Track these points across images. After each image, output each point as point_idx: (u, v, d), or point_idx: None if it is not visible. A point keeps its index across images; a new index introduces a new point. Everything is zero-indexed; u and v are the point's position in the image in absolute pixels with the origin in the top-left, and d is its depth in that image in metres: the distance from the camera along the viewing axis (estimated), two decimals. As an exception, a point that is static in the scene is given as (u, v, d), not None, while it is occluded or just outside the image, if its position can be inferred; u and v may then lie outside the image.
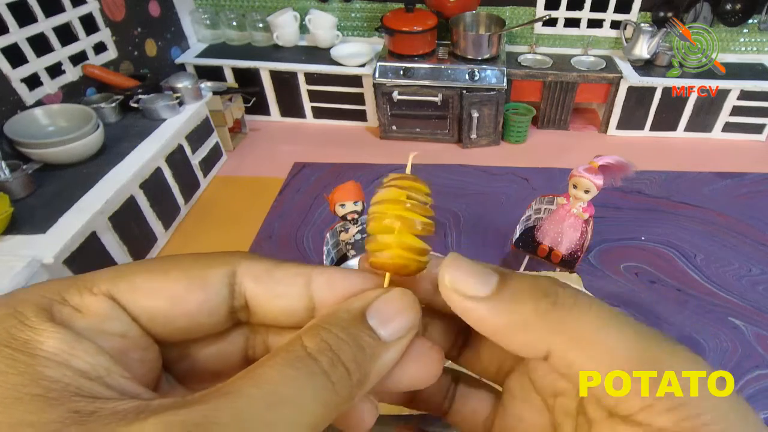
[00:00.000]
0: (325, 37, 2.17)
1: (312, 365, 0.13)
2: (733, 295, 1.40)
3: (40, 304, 0.13)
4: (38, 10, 1.47)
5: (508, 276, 0.15)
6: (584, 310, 0.14)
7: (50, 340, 0.12)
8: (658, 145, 2.17)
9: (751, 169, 1.96)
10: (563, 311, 0.14)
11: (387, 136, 2.19)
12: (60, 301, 0.14)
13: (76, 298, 0.14)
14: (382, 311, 0.15)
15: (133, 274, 0.15)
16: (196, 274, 0.15)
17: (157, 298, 0.15)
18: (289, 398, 0.12)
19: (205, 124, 1.84)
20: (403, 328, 0.15)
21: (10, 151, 1.33)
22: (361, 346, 0.14)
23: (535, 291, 0.14)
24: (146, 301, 0.15)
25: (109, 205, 1.31)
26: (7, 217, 1.13)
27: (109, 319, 0.14)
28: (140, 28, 1.91)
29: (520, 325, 0.14)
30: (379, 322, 0.15)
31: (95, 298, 0.14)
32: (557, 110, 2.20)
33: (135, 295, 0.15)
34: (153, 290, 0.15)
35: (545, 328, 0.14)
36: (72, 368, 0.12)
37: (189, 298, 0.15)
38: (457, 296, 0.15)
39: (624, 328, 0.13)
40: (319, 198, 1.15)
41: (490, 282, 0.15)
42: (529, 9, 2.16)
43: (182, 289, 0.15)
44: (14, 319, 0.13)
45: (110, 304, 0.15)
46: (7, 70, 1.38)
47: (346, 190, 0.98)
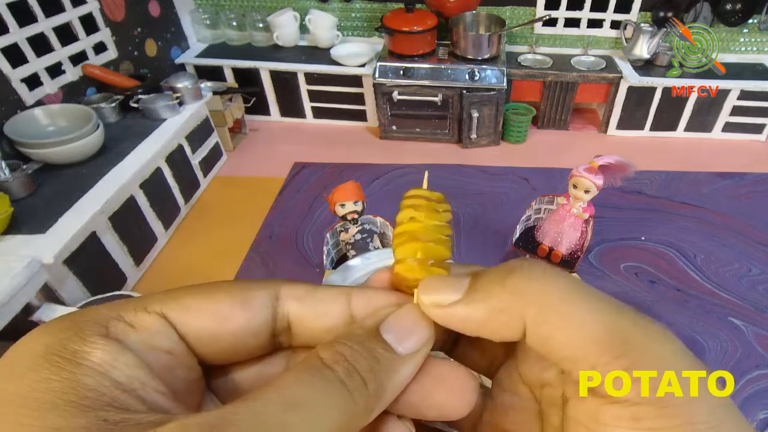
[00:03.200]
0: (325, 37, 2.17)
1: (328, 373, 0.14)
2: (733, 295, 1.40)
3: (98, 320, 0.15)
4: (38, 10, 1.47)
5: (480, 273, 0.16)
6: (552, 281, 0.14)
7: (97, 351, 0.13)
8: (658, 145, 2.17)
9: (751, 169, 1.96)
10: (531, 282, 0.14)
11: (387, 136, 2.19)
12: (116, 318, 0.15)
13: (131, 315, 0.15)
14: (395, 326, 0.16)
15: (182, 295, 0.16)
16: (240, 295, 0.16)
17: (204, 318, 0.16)
18: (306, 401, 0.13)
19: (205, 124, 1.84)
20: (417, 341, 0.16)
21: (10, 151, 1.33)
22: (376, 358, 0.15)
23: (502, 273, 0.15)
24: (194, 321, 0.16)
25: (109, 205, 1.31)
26: (7, 217, 1.13)
27: (158, 334, 0.15)
28: (140, 28, 1.91)
29: (497, 311, 0.15)
30: (394, 337, 0.15)
31: (148, 316, 0.15)
32: (557, 110, 2.20)
33: (184, 315, 0.16)
34: (200, 310, 0.16)
35: (517, 302, 0.14)
36: (110, 379, 0.13)
37: (234, 317, 0.16)
38: (438, 310, 0.16)
39: (592, 300, 0.14)
40: (319, 198, 1.15)
41: (462, 285, 0.15)
42: (529, 9, 2.16)
43: (227, 308, 0.16)
44: (71, 332, 0.14)
45: (161, 322, 0.15)
46: (7, 70, 1.38)
47: (346, 190, 0.98)
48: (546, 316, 0.14)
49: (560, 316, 0.14)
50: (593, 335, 0.13)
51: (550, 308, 0.14)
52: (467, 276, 0.16)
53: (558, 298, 0.14)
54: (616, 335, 0.13)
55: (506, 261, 0.16)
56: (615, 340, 0.13)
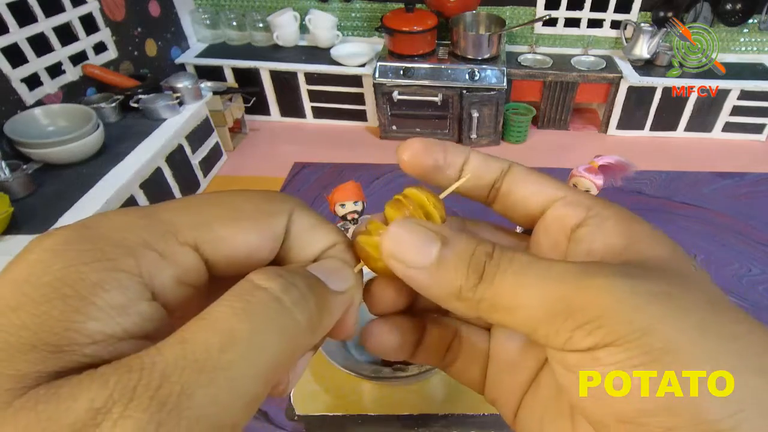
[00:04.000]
0: (325, 37, 2.17)
1: (261, 294, 0.13)
2: (734, 295, 1.40)
3: (127, 245, 0.13)
4: (38, 10, 1.47)
5: (450, 242, 0.15)
6: (507, 275, 0.14)
7: (117, 293, 0.12)
8: (658, 145, 2.17)
9: (751, 169, 1.96)
10: (488, 282, 0.15)
11: (387, 136, 2.19)
12: (145, 245, 0.13)
13: (161, 243, 0.14)
14: (321, 268, 0.16)
15: (212, 221, 0.15)
16: (267, 224, 0.16)
17: (236, 250, 0.15)
18: (242, 334, 0.12)
19: (205, 124, 1.84)
20: (344, 281, 0.16)
21: (10, 151, 1.33)
22: (312, 281, 0.15)
23: (468, 263, 0.15)
24: (227, 251, 0.15)
25: (109, 205, 1.31)
26: (7, 217, 1.13)
27: (190, 271, 0.14)
28: (140, 28, 1.91)
29: (454, 297, 0.15)
30: (321, 274, 0.16)
31: (181, 248, 0.14)
32: (557, 110, 2.20)
33: (218, 246, 0.15)
34: (233, 240, 0.15)
35: (473, 298, 0.15)
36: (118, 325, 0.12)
37: (263, 247, 0.16)
38: (399, 265, 0.15)
39: (542, 280, 0.14)
40: (319, 198, 1.15)
41: (430, 252, 0.15)
42: (529, 9, 2.16)
43: (256, 240, 0.16)
44: (93, 258, 0.12)
45: (194, 256, 0.14)
46: (7, 70, 1.38)
47: (346, 190, 0.98)
48: (496, 310, 0.15)
49: (507, 309, 0.14)
50: (538, 319, 0.14)
51: (501, 305, 0.14)
52: (436, 241, 0.15)
53: (509, 292, 0.14)
54: (560, 311, 0.13)
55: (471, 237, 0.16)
56: (558, 308, 0.13)
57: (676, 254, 0.15)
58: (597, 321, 0.13)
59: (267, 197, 0.17)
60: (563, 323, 0.13)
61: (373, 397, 0.58)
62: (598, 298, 0.13)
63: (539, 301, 0.14)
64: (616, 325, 0.13)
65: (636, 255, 0.15)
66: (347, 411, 0.57)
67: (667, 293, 0.13)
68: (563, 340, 0.13)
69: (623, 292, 0.13)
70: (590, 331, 0.13)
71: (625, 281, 0.13)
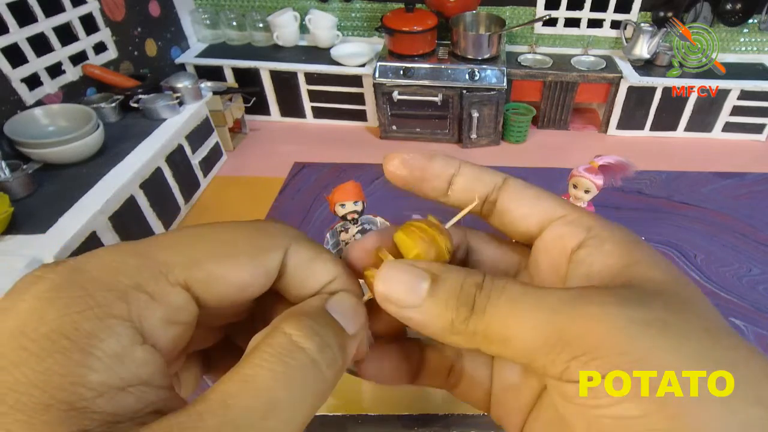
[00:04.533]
0: (325, 37, 2.17)
1: (301, 357, 0.13)
2: (734, 295, 1.40)
3: (117, 289, 0.13)
4: (38, 10, 1.47)
5: (440, 278, 0.15)
6: (498, 306, 0.14)
7: (112, 340, 0.12)
8: (658, 145, 2.17)
9: (751, 169, 1.96)
10: (479, 314, 0.15)
11: (387, 136, 2.19)
12: (135, 288, 0.13)
13: (152, 284, 0.14)
14: (340, 307, 0.16)
15: (206, 260, 0.15)
16: (261, 261, 0.16)
17: (228, 288, 0.15)
18: (284, 401, 0.12)
19: (205, 124, 1.84)
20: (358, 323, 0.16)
21: (10, 151, 1.33)
22: (338, 330, 0.15)
23: (458, 297, 0.15)
24: (219, 290, 0.15)
25: (109, 205, 1.31)
26: (7, 217, 1.13)
27: (180, 310, 0.14)
28: (140, 28, 1.91)
29: (448, 332, 0.15)
30: (341, 318, 0.16)
31: (172, 289, 0.14)
32: (557, 110, 2.20)
33: (210, 286, 0.15)
34: (225, 279, 0.15)
35: (466, 331, 0.15)
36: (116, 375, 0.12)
37: (255, 285, 0.16)
38: (392, 306, 0.16)
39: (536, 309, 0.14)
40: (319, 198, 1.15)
41: (420, 291, 0.15)
42: (529, 9, 2.16)
43: (250, 277, 0.16)
44: (85, 306, 0.12)
45: (185, 296, 0.14)
46: (7, 70, 1.38)
47: (346, 190, 0.98)
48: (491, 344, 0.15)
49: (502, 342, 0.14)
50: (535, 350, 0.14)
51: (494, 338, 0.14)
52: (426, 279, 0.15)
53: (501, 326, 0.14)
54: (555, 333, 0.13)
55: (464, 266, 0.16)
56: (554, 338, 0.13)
57: (674, 277, 0.15)
58: (593, 352, 0.13)
59: (263, 231, 0.17)
60: (559, 354, 0.13)
61: (373, 397, 0.59)
62: (593, 328, 0.13)
63: (533, 331, 0.14)
64: (612, 356, 0.13)
65: (634, 277, 0.15)
66: (347, 411, 0.57)
67: (663, 321, 0.13)
68: (560, 371, 0.13)
69: (618, 321, 0.13)
70: (586, 362, 0.13)
71: (620, 310, 0.13)
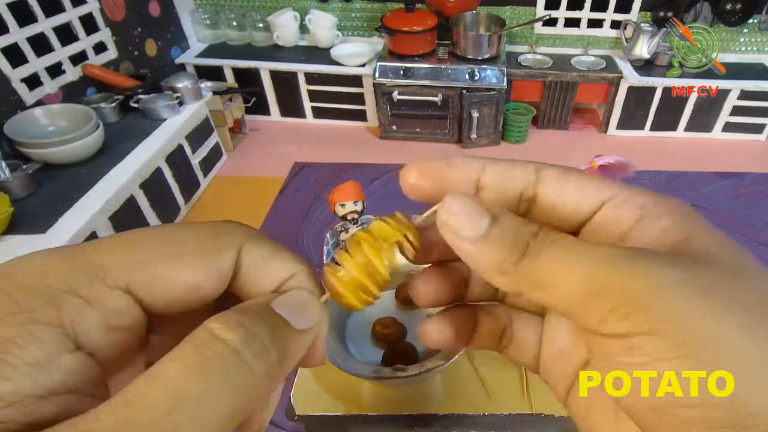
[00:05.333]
0: (325, 37, 2.17)
1: (219, 347, 0.12)
2: (733, 295, 1.40)
3: (47, 294, 0.12)
4: (38, 10, 1.47)
5: (499, 219, 0.15)
6: (549, 253, 0.14)
7: (33, 348, 0.11)
8: (658, 145, 2.17)
9: (751, 169, 1.96)
10: (531, 259, 0.15)
11: (387, 136, 2.19)
12: (68, 292, 0.12)
13: (87, 288, 0.13)
14: (286, 303, 0.15)
15: (150, 261, 0.14)
16: (212, 261, 0.15)
17: (175, 290, 0.14)
18: (194, 394, 0.11)
19: (205, 124, 1.84)
20: (310, 318, 0.16)
21: (10, 151, 1.33)
22: (276, 325, 0.14)
23: (514, 240, 0.15)
24: (166, 292, 0.14)
25: (109, 205, 1.31)
26: (7, 217, 1.13)
27: (119, 314, 0.13)
28: (140, 28, 1.91)
29: (497, 271, 0.15)
30: (286, 311, 0.15)
31: (110, 292, 0.13)
32: (557, 110, 2.20)
33: (154, 288, 0.14)
34: (171, 281, 0.14)
35: (515, 272, 0.15)
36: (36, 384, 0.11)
37: (206, 286, 0.15)
38: (450, 233, 0.16)
39: (584, 260, 0.14)
40: (319, 198, 1.15)
41: (480, 225, 0.15)
42: (529, 9, 2.16)
43: (200, 278, 0.15)
44: (6, 311, 0.12)
45: (126, 300, 0.14)
46: (7, 70, 1.38)
47: (346, 191, 0.98)
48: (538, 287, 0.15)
49: (548, 285, 0.14)
50: (577, 297, 0.14)
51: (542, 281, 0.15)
52: (486, 215, 0.15)
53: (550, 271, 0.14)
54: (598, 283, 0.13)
55: None
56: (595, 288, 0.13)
57: (732, 249, 0.14)
58: (633, 306, 0.12)
59: (214, 231, 0.16)
60: (597, 304, 0.13)
61: (373, 397, 0.59)
62: (637, 284, 0.13)
63: (577, 279, 0.14)
64: (653, 313, 0.12)
65: (689, 248, 0.14)
66: (347, 411, 0.57)
67: (713, 285, 0.13)
68: (596, 320, 0.13)
69: (664, 281, 0.13)
70: (624, 315, 0.13)
71: (668, 269, 0.13)
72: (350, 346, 0.61)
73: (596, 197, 0.16)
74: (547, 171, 0.17)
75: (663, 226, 0.15)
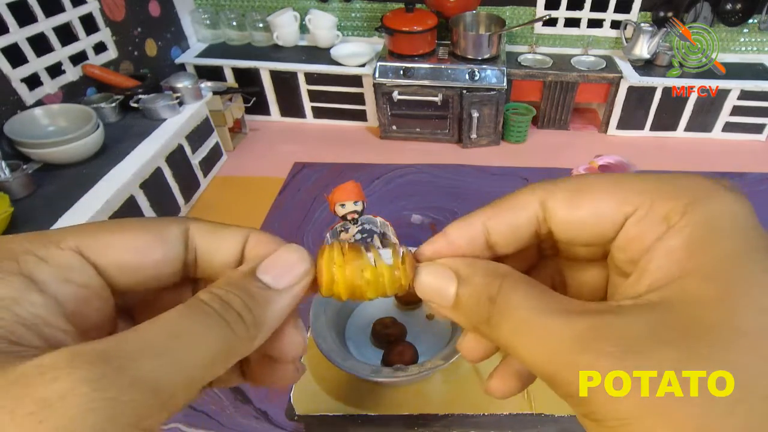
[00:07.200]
0: (325, 37, 2.17)
1: (206, 308, 0.15)
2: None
3: (7, 254, 0.14)
4: (38, 10, 1.47)
5: (466, 281, 0.17)
6: (508, 327, 0.15)
7: (5, 286, 0.14)
8: (658, 145, 2.17)
9: (751, 169, 1.96)
10: (493, 328, 0.16)
11: (387, 136, 2.19)
12: (26, 252, 0.15)
13: (42, 250, 0.15)
14: (271, 267, 0.17)
15: (97, 231, 0.16)
16: (156, 230, 0.17)
17: (124, 252, 0.16)
18: (186, 331, 0.14)
19: (205, 124, 1.84)
20: (294, 276, 0.17)
21: (10, 151, 1.33)
22: (251, 295, 0.16)
23: (477, 306, 0.16)
24: (115, 255, 0.16)
25: (109, 205, 1.31)
26: (7, 217, 1.13)
27: (72, 269, 0.15)
28: (140, 28, 1.91)
29: (475, 331, 0.17)
30: (271, 278, 0.17)
31: (61, 252, 0.15)
32: (557, 110, 2.20)
33: (103, 250, 0.16)
34: (118, 245, 0.16)
35: (490, 333, 0.16)
36: (12, 313, 0.13)
37: (152, 250, 0.17)
38: (433, 305, 0.18)
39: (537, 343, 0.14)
40: (319, 198, 1.15)
41: (449, 293, 0.17)
42: (529, 9, 2.16)
43: (145, 243, 0.17)
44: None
45: (76, 257, 0.15)
46: (7, 70, 1.38)
47: (346, 190, 0.98)
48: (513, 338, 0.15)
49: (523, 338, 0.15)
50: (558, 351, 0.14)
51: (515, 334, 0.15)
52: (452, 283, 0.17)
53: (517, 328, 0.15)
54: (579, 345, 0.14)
55: None
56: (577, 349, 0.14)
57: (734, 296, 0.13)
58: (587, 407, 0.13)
59: (160, 218, 0.18)
60: (558, 387, 0.14)
61: (373, 397, 0.58)
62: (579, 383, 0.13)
63: (537, 360, 0.14)
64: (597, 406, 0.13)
65: (677, 295, 0.13)
66: (347, 411, 0.57)
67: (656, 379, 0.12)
68: (564, 394, 0.14)
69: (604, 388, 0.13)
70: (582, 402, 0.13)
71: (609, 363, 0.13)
72: (350, 346, 0.61)
73: (616, 214, 0.15)
74: (554, 201, 0.16)
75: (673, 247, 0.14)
